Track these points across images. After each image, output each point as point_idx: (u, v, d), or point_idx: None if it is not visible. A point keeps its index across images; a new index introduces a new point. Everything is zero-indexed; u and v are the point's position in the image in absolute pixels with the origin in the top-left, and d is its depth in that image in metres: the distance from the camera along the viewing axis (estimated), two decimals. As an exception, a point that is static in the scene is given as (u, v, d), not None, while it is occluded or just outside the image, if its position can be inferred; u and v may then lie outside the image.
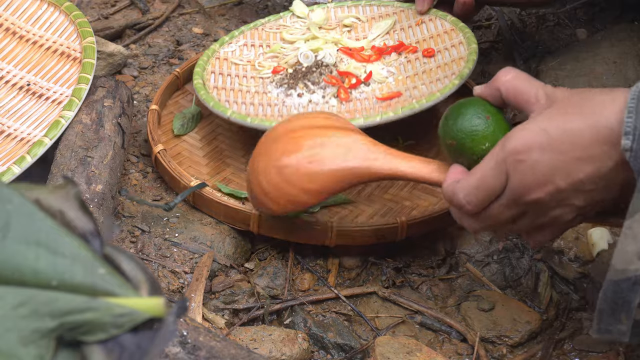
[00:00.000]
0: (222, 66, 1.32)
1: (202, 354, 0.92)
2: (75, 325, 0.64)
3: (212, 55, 1.33)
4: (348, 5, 1.43)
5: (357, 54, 1.32)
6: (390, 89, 1.27)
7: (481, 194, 0.96)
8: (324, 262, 1.20)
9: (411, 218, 1.18)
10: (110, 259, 0.67)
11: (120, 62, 1.42)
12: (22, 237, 0.65)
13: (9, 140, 1.20)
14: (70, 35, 1.30)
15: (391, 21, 1.38)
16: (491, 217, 0.97)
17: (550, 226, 0.97)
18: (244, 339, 1.09)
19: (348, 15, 1.41)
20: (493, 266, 1.21)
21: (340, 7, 1.43)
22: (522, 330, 1.13)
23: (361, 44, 1.35)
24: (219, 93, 1.27)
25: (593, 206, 0.94)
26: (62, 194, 0.68)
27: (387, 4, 1.42)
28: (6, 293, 0.64)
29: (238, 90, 1.28)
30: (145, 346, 0.65)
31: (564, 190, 0.92)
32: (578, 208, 0.93)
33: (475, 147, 1.00)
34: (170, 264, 1.16)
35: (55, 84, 1.25)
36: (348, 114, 1.22)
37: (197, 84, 1.28)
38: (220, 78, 1.30)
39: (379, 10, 1.41)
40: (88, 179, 1.14)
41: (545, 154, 0.91)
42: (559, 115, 0.91)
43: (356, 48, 1.34)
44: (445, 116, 1.02)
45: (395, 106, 1.22)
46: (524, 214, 0.96)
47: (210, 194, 1.20)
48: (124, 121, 1.24)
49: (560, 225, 0.96)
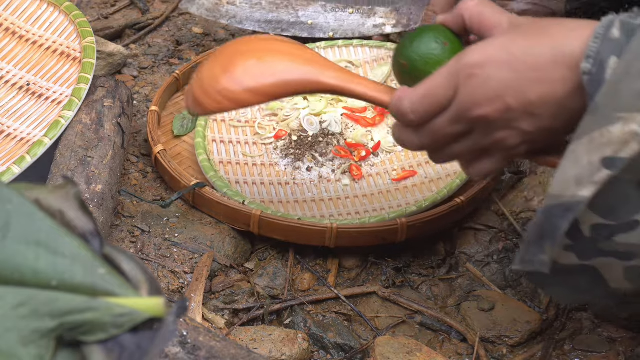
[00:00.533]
0: (221, 130, 1.30)
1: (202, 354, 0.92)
2: (75, 325, 0.64)
3: (210, 118, 1.31)
4: (339, 46, 1.42)
5: (362, 119, 1.31)
6: (401, 161, 1.27)
7: (427, 102, 0.92)
8: (324, 262, 1.20)
9: (411, 220, 1.18)
10: (110, 259, 0.67)
11: (120, 62, 1.42)
12: (22, 237, 0.65)
13: (9, 140, 1.20)
14: (70, 35, 1.30)
15: (387, 69, 1.37)
16: (433, 132, 0.94)
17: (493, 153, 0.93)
18: (244, 339, 1.09)
19: (340, 59, 1.40)
20: (493, 266, 1.21)
21: (331, 47, 1.41)
22: (522, 331, 1.13)
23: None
24: (227, 170, 1.25)
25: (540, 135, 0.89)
26: (62, 194, 0.68)
27: (379, 45, 1.41)
28: (6, 293, 0.64)
29: (244, 164, 1.27)
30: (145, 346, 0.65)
31: (514, 110, 0.88)
32: (525, 133, 0.89)
33: (427, 71, 0.95)
34: (170, 264, 1.16)
35: (55, 84, 1.25)
36: (366, 199, 1.22)
37: (203, 160, 1.25)
38: (223, 148, 1.28)
39: (372, 53, 1.40)
40: (88, 179, 1.14)
41: (501, 71, 0.87)
42: (521, 37, 0.88)
43: (359, 109, 1.33)
44: (403, 38, 1.00)
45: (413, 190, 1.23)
46: (467, 134, 0.93)
47: (211, 194, 1.20)
48: (123, 121, 1.24)
49: (503, 152, 0.92)
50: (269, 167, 1.27)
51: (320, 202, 1.22)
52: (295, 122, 1.31)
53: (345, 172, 1.26)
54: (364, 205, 1.22)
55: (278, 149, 1.29)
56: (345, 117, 1.32)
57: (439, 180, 1.23)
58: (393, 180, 1.25)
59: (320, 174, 1.26)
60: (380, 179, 1.25)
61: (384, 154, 1.28)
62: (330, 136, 1.30)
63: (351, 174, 1.25)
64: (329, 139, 1.29)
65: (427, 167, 1.26)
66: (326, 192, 1.23)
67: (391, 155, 1.28)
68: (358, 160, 1.27)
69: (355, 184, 1.25)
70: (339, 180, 1.25)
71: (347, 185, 1.24)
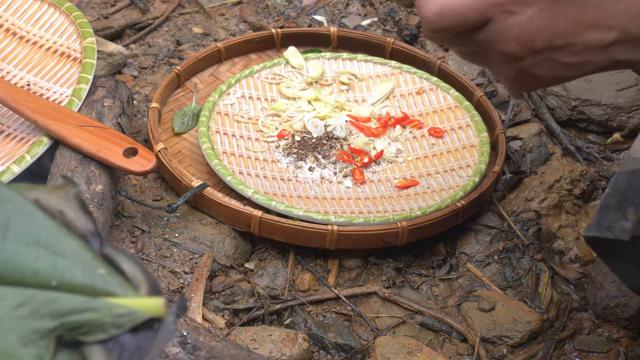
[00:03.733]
0: (224, 123, 1.30)
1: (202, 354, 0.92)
2: (75, 326, 0.64)
3: (214, 110, 1.31)
4: (343, 59, 1.41)
5: (366, 127, 1.31)
6: (402, 171, 1.27)
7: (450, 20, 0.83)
8: (324, 262, 1.20)
9: (412, 223, 1.18)
10: (110, 259, 0.67)
11: (120, 62, 1.42)
12: (21, 238, 0.65)
13: (9, 140, 1.19)
14: (70, 35, 1.30)
15: (391, 85, 1.37)
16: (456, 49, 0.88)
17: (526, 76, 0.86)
18: (244, 339, 1.09)
19: (344, 71, 1.40)
20: (493, 266, 1.21)
21: (335, 58, 1.41)
22: (522, 331, 1.13)
23: (366, 110, 1.34)
24: (230, 161, 1.25)
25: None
26: (62, 194, 0.68)
27: (383, 62, 1.41)
28: (6, 293, 0.64)
29: (247, 157, 1.27)
30: (145, 346, 0.65)
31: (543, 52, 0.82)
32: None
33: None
34: (170, 264, 1.16)
35: (55, 84, 1.25)
36: (369, 202, 1.22)
37: (207, 148, 1.25)
38: (226, 139, 1.28)
39: (375, 69, 1.40)
40: (88, 179, 1.13)
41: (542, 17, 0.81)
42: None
43: (363, 118, 1.33)
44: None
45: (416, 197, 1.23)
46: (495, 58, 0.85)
47: (212, 194, 1.20)
48: (123, 121, 1.24)
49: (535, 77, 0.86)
50: (271, 163, 1.27)
51: (324, 200, 1.22)
52: (298, 123, 1.31)
53: (347, 175, 1.26)
54: (367, 207, 1.22)
55: (280, 147, 1.29)
56: (349, 123, 1.32)
57: (441, 192, 1.24)
58: (396, 187, 1.25)
59: (322, 175, 1.26)
60: (382, 186, 1.25)
61: (385, 163, 1.28)
62: (334, 140, 1.30)
63: (353, 177, 1.25)
64: (333, 143, 1.29)
65: (429, 178, 1.26)
66: (328, 191, 1.24)
67: (393, 165, 1.28)
68: (360, 165, 1.26)
69: (357, 188, 1.25)
70: (340, 182, 1.25)
71: (349, 187, 1.24)
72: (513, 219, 1.25)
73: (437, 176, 1.26)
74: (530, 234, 1.24)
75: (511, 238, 1.23)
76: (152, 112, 1.29)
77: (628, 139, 1.37)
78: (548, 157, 1.33)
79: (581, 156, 1.34)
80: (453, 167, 1.27)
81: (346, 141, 1.30)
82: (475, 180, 1.23)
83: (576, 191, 1.28)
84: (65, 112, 1.16)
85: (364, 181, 1.25)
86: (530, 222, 1.25)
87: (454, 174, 1.26)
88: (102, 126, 1.15)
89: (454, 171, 1.26)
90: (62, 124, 1.14)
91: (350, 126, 1.32)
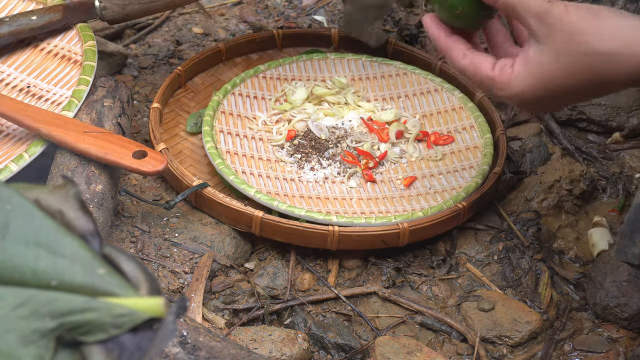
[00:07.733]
0: (228, 122, 1.30)
1: (202, 354, 0.92)
2: (75, 326, 0.64)
3: (218, 109, 1.31)
4: (348, 59, 1.42)
5: (379, 131, 1.31)
6: (405, 172, 1.27)
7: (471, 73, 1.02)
8: (324, 262, 1.20)
9: (413, 224, 1.18)
10: (110, 259, 0.67)
11: (120, 62, 1.42)
12: (21, 237, 0.65)
13: (7, 140, 1.20)
14: (71, 39, 1.30)
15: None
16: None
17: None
18: (244, 339, 1.09)
19: (349, 73, 1.39)
20: (493, 266, 1.21)
21: (340, 59, 1.41)
22: (522, 331, 1.13)
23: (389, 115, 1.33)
24: (233, 160, 1.25)
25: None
26: (61, 194, 0.68)
27: (388, 63, 1.41)
28: (6, 293, 0.64)
29: (250, 157, 1.27)
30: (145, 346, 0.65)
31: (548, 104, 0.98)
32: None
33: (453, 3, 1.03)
34: (170, 264, 1.16)
35: (55, 86, 1.25)
36: (371, 202, 1.22)
37: (210, 147, 1.25)
38: (230, 139, 1.28)
39: (381, 69, 1.40)
40: (88, 179, 1.14)
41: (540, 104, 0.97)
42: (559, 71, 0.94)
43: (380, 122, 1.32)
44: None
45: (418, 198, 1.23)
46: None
47: (212, 194, 1.20)
48: (123, 121, 1.24)
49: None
50: (275, 163, 1.27)
51: (326, 200, 1.22)
52: (300, 124, 1.31)
53: (351, 176, 1.26)
54: (370, 207, 1.22)
55: (284, 148, 1.29)
56: (363, 123, 1.32)
57: (444, 192, 1.24)
58: (402, 185, 1.25)
59: (325, 175, 1.26)
60: (385, 186, 1.25)
61: (389, 163, 1.28)
62: (340, 140, 1.30)
63: (363, 175, 1.25)
64: (338, 143, 1.29)
65: (432, 179, 1.26)
66: (331, 191, 1.24)
67: (396, 166, 1.28)
68: (364, 169, 1.26)
69: (360, 188, 1.24)
70: (342, 182, 1.25)
71: (352, 187, 1.24)
72: (513, 219, 1.25)
73: (440, 177, 1.26)
74: (530, 234, 1.24)
75: (511, 238, 1.23)
76: (153, 113, 1.29)
77: (628, 139, 1.37)
78: (548, 157, 1.33)
79: (581, 156, 1.34)
80: (456, 168, 1.27)
81: (352, 143, 1.30)
82: (478, 181, 1.24)
83: (576, 191, 1.28)
84: (68, 120, 1.16)
85: (374, 179, 1.25)
86: (530, 222, 1.25)
87: (457, 175, 1.26)
88: (106, 132, 1.16)
89: (457, 172, 1.26)
90: (67, 131, 1.15)
91: (363, 127, 1.32)
